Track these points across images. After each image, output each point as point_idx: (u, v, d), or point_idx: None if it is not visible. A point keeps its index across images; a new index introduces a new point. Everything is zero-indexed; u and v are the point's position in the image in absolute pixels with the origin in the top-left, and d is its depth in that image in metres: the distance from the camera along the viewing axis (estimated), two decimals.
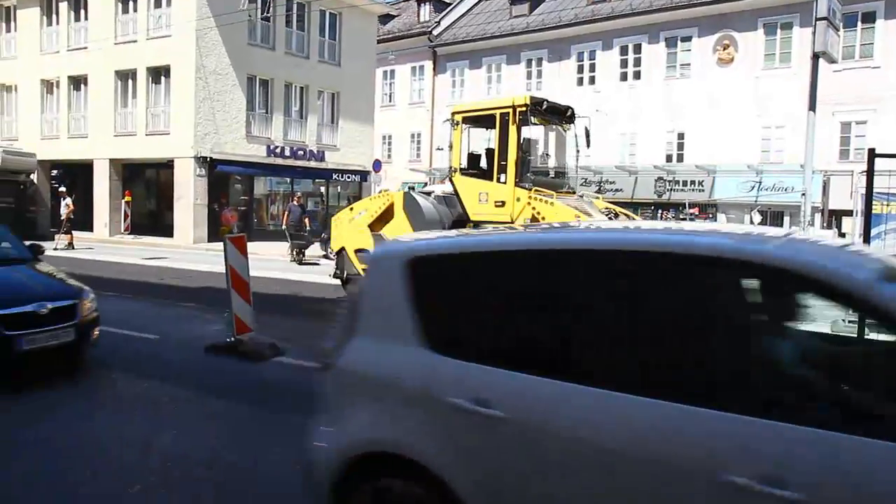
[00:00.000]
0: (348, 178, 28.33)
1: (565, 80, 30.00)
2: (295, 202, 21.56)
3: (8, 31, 28.89)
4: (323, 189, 29.40)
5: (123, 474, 4.41)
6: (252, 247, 7.90)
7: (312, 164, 27.60)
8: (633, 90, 28.06)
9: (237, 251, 7.52)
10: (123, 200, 25.51)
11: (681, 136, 26.96)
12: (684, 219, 25.65)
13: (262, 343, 7.66)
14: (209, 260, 17.70)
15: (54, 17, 27.39)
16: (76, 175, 28.91)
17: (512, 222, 10.17)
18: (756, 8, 24.90)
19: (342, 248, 12.34)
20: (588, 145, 11.61)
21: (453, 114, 11.62)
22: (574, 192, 11.63)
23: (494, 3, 34.87)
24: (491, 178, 10.86)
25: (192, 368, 7.12)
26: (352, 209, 12.84)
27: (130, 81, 25.45)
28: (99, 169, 26.08)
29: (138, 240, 24.44)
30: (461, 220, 11.19)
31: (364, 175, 28.63)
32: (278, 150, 26.35)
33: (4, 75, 28.71)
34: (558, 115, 11.48)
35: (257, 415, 5.71)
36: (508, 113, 10.72)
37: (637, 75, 28.06)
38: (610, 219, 10.94)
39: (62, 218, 21.65)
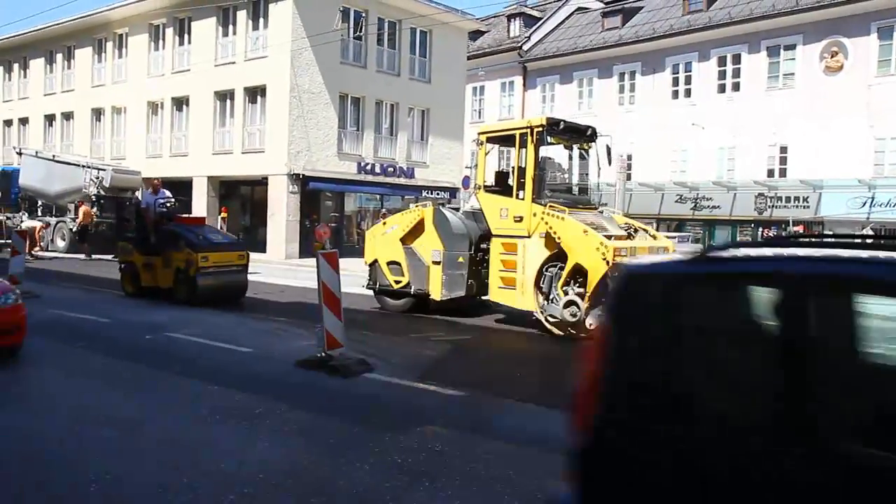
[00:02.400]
0: (437, 194, 28.60)
1: (659, 93, 29.33)
2: (381, 219, 21.92)
3: (120, 56, 30.93)
4: (412, 206, 29.77)
5: (219, 484, 4.54)
6: (342, 263, 8.03)
7: (402, 180, 28.05)
8: (731, 102, 27.10)
9: (329, 267, 7.67)
10: (220, 216, 26.59)
11: (783, 149, 25.78)
12: (793, 237, 24.39)
13: (352, 359, 7.77)
14: (300, 275, 18.21)
15: (160, 41, 29.14)
16: (176, 192, 30.47)
17: (529, 235, 10.92)
18: (869, 11, 23.59)
19: (375, 261, 13.07)
20: (609, 163, 12.04)
21: (479, 134, 12.32)
22: (595, 208, 12.15)
23: (586, 17, 34.57)
24: (511, 195, 11.46)
25: (283, 382, 7.29)
26: (384, 223, 13.51)
27: (228, 101, 26.70)
28: (197, 186, 27.40)
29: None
30: (486, 235, 11.80)
31: (453, 192, 28.85)
32: (369, 167, 26.94)
33: (116, 98, 30.71)
34: (578, 135, 12.03)
35: (347, 430, 5.76)
36: (527, 133, 11.23)
37: (736, 87, 27.09)
38: (629, 234, 11.20)
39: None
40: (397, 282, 12.70)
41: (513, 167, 11.89)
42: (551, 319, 10.70)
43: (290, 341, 9.44)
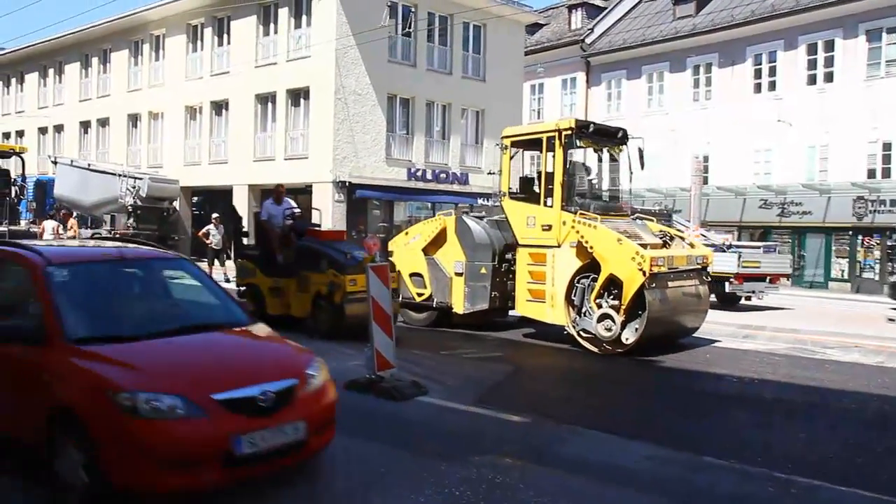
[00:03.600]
0: (494, 202, 28.59)
1: (739, 86, 28.79)
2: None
3: (157, 59, 31.97)
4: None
5: None
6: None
7: (455, 187, 28.15)
8: (823, 95, 26.39)
9: (380, 281, 7.74)
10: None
11: (886, 146, 24.95)
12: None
13: (404, 381, 7.81)
14: None
15: (199, 43, 30.01)
16: (215, 201, 31.25)
17: (558, 245, 11.10)
18: None
19: (398, 272, 13.31)
20: (641, 167, 12.14)
21: (503, 137, 12.57)
22: (628, 215, 12.29)
23: (655, 5, 34.23)
24: (538, 202, 11.64)
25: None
26: (407, 234, 13.89)
27: (270, 105, 27.28)
28: (238, 195, 28.00)
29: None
30: (511, 245, 12.05)
31: None
32: (419, 174, 27.12)
33: (153, 103, 31.73)
34: (608, 138, 12.20)
35: (400, 458, 5.78)
36: (554, 136, 11.39)
37: (828, 77, 26.39)
38: (665, 243, 11.32)
39: (212, 244, 22.22)
40: (419, 294, 13.01)
41: (539, 172, 12.03)
42: (584, 335, 10.81)
43: (336, 361, 9.47)
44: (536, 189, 12.00)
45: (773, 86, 27.94)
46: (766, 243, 21.68)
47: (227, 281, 21.19)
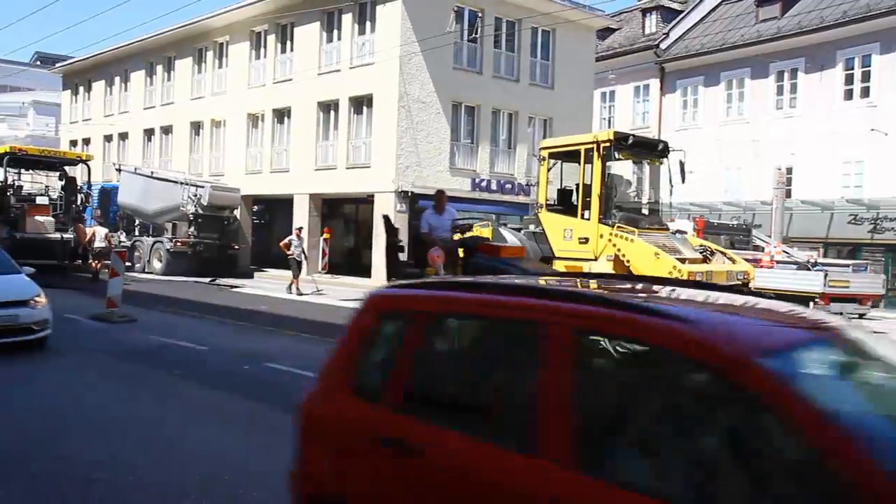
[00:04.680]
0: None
1: (828, 93, 28.01)
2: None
3: (220, 66, 32.92)
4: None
5: None
6: None
7: (521, 198, 28.04)
8: None
9: None
10: (322, 238, 27.55)
11: None
12: None
13: None
14: None
15: (262, 50, 30.78)
16: (276, 211, 31.92)
17: (595, 259, 11.33)
18: None
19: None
20: (683, 180, 12.32)
21: (540, 149, 12.97)
22: (666, 229, 12.56)
23: (736, 7, 33.63)
24: (575, 215, 11.93)
25: None
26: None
27: (332, 113, 27.76)
28: (299, 204, 28.54)
29: (335, 280, 26.25)
30: (548, 258, 12.30)
31: None
32: (484, 184, 27.17)
33: (216, 111, 32.66)
34: (648, 150, 12.54)
35: None
36: (592, 148, 11.66)
37: None
38: (705, 258, 11.52)
39: (293, 255, 22.34)
40: None
41: (577, 185, 12.29)
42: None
43: None
44: (574, 201, 12.22)
45: (866, 92, 27.08)
46: (856, 262, 20.99)
47: (299, 294, 21.46)
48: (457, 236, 11.27)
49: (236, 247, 28.13)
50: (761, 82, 30.24)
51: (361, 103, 26.77)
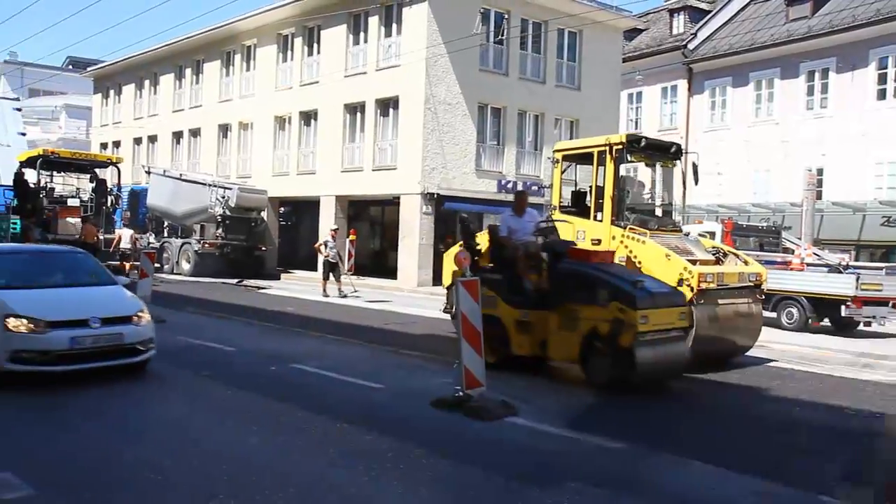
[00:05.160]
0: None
1: (860, 93, 27.62)
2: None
3: (247, 69, 33.22)
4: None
5: None
6: None
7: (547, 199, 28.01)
8: None
9: (470, 297, 7.78)
10: (348, 239, 27.63)
11: None
12: None
13: (494, 400, 7.79)
14: (433, 305, 18.55)
15: (289, 52, 31.00)
16: (302, 212, 32.12)
17: None
18: None
19: (451, 284, 13.66)
20: (696, 182, 12.60)
21: (554, 151, 13.11)
22: (679, 231, 12.71)
23: (766, 6, 33.28)
24: (588, 217, 12.04)
25: (417, 423, 7.43)
26: (460, 245, 13.92)
27: (358, 115, 27.89)
28: (325, 206, 28.70)
29: (361, 281, 26.34)
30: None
31: None
32: (510, 185, 27.10)
33: (243, 113, 32.95)
34: (661, 152, 12.57)
35: (489, 481, 5.77)
36: (605, 151, 11.76)
37: None
38: (718, 259, 11.72)
39: (328, 257, 21.95)
40: (457, 304, 13.14)
41: (590, 187, 12.49)
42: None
43: (423, 378, 9.62)
44: (587, 203, 12.40)
45: None
46: (890, 264, 20.60)
47: (344, 296, 21.42)
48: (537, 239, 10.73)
49: (263, 248, 28.35)
50: (791, 82, 29.90)
51: (388, 105, 26.86)
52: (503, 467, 6.09)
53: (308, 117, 30.16)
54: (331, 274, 21.99)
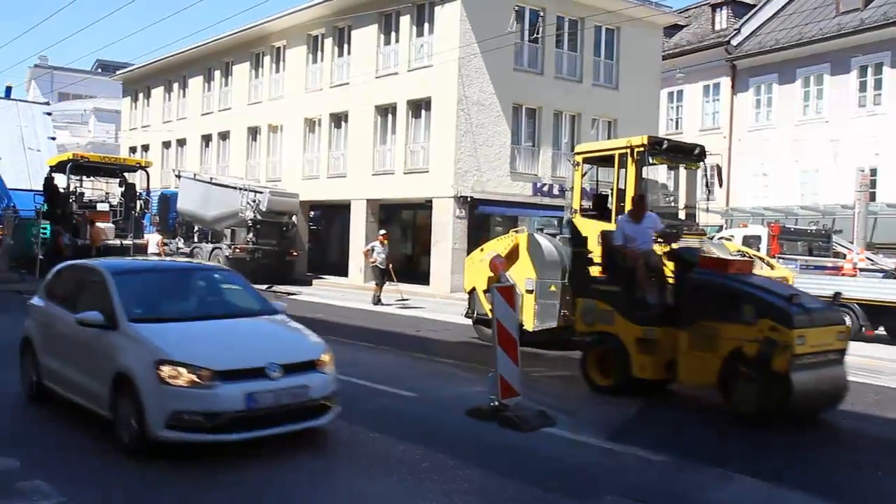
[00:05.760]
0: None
1: None
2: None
3: (277, 71, 33.54)
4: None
5: None
6: None
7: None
8: None
9: (505, 303, 7.76)
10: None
11: None
12: None
13: (531, 410, 7.76)
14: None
15: (319, 54, 31.24)
16: (333, 216, 32.30)
17: None
18: None
19: (473, 289, 14.05)
20: (720, 185, 12.63)
21: (574, 154, 13.25)
22: (703, 234, 12.80)
23: (814, 0, 32.80)
24: (609, 220, 11.92)
25: (452, 433, 7.43)
26: (482, 250, 14.51)
27: (390, 116, 27.99)
28: (356, 210, 28.83)
29: (393, 287, 26.38)
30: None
31: None
32: (546, 188, 27.04)
33: (273, 116, 33.27)
34: (683, 154, 12.67)
35: (526, 494, 5.75)
36: (626, 153, 11.82)
37: None
38: None
39: (376, 262, 21.76)
40: (492, 310, 13.30)
41: (612, 190, 12.58)
42: None
43: (457, 386, 9.62)
44: (609, 206, 12.48)
45: None
46: None
47: (378, 303, 21.28)
48: (661, 248, 9.99)
49: (295, 253, 28.45)
50: (842, 78, 29.40)
51: (419, 106, 26.93)
52: (540, 479, 6.07)
53: (338, 119, 30.35)
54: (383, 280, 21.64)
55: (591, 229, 11.98)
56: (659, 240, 9.86)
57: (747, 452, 7.36)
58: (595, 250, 10.47)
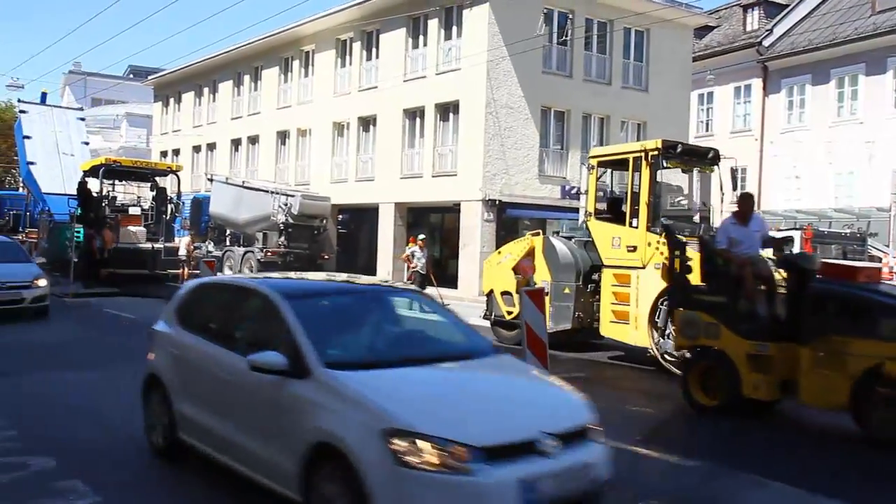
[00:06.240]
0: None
1: None
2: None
3: (306, 76, 33.80)
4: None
5: None
6: None
7: None
8: None
9: (534, 307, 7.76)
10: (407, 248, 27.78)
11: None
12: None
13: None
14: None
15: (347, 58, 31.44)
16: (361, 220, 32.45)
17: (643, 267, 11.68)
18: None
19: (491, 290, 14.52)
20: (734, 188, 12.84)
21: (589, 157, 13.57)
22: None
23: None
24: (624, 223, 12.33)
25: None
26: (499, 252, 15.09)
27: (418, 120, 28.09)
28: (384, 214, 28.97)
29: (434, 292, 26.41)
30: (597, 266, 12.75)
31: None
32: (574, 191, 26.86)
33: (301, 120, 33.53)
34: (698, 158, 12.89)
35: None
36: (640, 157, 12.05)
37: None
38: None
39: (416, 268, 21.58)
40: (509, 312, 13.95)
41: (625, 193, 12.88)
42: (668, 358, 11.13)
43: None
44: (623, 209, 12.71)
45: None
46: None
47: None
48: (766, 254, 9.39)
49: (326, 257, 28.49)
50: (878, 79, 29.03)
51: (448, 110, 26.99)
52: None
53: (367, 123, 30.51)
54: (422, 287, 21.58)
55: (605, 233, 12.59)
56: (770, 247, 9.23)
57: (783, 459, 7.28)
58: (693, 256, 9.73)
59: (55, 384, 9.58)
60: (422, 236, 22.58)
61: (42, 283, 15.27)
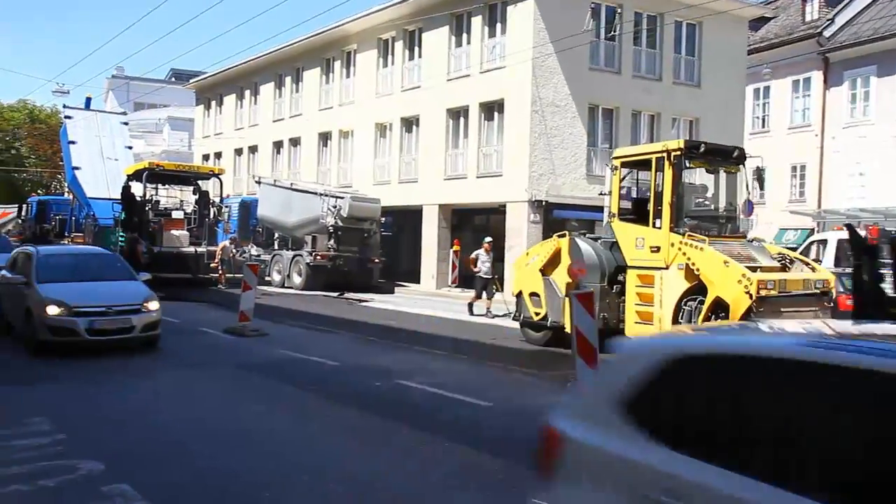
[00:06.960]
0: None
1: None
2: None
3: (347, 76, 34.10)
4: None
5: None
6: None
7: None
8: None
9: (584, 310, 7.75)
10: (451, 250, 27.82)
11: None
12: None
13: None
14: None
15: (390, 57, 31.64)
16: (404, 222, 32.60)
17: (666, 267, 11.97)
18: None
19: (520, 292, 14.81)
20: (761, 187, 13.28)
21: (612, 158, 14.01)
22: (743, 237, 13.19)
23: None
24: (647, 224, 12.62)
25: (529, 444, 7.41)
26: (527, 254, 15.48)
27: (462, 120, 28.14)
28: (428, 215, 29.06)
29: (466, 294, 26.44)
30: (622, 266, 13.04)
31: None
32: (624, 191, 26.63)
33: (343, 121, 33.84)
34: (722, 157, 13.08)
35: None
36: (664, 157, 12.34)
37: None
38: (784, 266, 12.01)
39: (480, 272, 21.24)
40: (536, 313, 14.23)
41: (649, 193, 13.10)
42: None
43: (535, 396, 9.61)
44: (647, 210, 12.93)
45: None
46: None
47: (493, 316, 20.12)
48: None
49: (377, 260, 28.36)
50: None
51: (492, 109, 26.99)
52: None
53: (409, 123, 30.66)
54: (483, 291, 21.13)
55: (628, 233, 12.86)
56: None
57: None
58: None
59: (103, 388, 9.84)
60: (488, 239, 22.14)
61: (153, 305, 12.52)
